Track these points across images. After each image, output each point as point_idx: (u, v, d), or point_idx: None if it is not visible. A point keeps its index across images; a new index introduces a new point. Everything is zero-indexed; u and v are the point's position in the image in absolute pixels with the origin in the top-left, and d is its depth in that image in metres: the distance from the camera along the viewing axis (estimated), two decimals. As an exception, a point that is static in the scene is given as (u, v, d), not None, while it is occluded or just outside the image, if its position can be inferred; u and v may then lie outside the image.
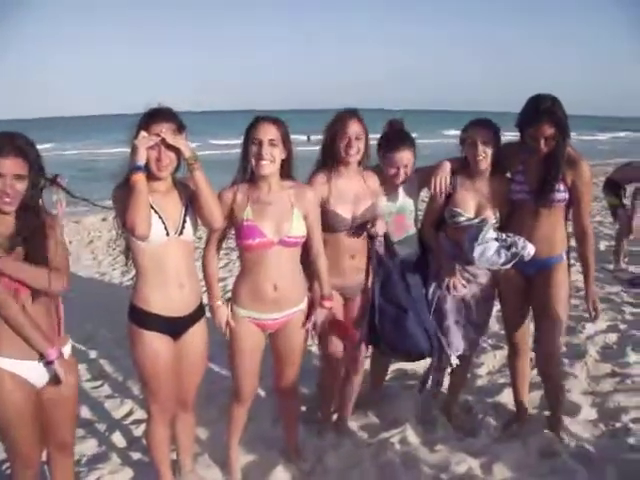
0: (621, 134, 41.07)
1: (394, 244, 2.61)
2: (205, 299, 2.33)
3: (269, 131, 2.19)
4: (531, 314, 2.78)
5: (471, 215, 2.59)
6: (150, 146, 2.01)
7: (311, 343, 2.53)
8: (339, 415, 2.91)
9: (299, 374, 2.53)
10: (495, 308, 2.90)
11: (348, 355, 2.68)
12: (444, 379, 2.94)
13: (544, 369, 2.71)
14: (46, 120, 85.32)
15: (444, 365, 2.72)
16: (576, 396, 3.11)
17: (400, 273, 2.57)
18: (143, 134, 2.01)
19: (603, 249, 6.42)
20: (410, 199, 2.73)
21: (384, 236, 2.57)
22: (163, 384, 2.20)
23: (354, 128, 2.43)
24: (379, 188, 2.61)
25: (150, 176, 2.06)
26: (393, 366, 3.39)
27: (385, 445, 2.73)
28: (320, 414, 2.90)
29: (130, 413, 3.20)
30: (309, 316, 2.43)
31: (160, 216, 2.08)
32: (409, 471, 2.53)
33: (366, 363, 3.10)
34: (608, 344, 3.86)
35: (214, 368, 3.50)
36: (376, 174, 2.62)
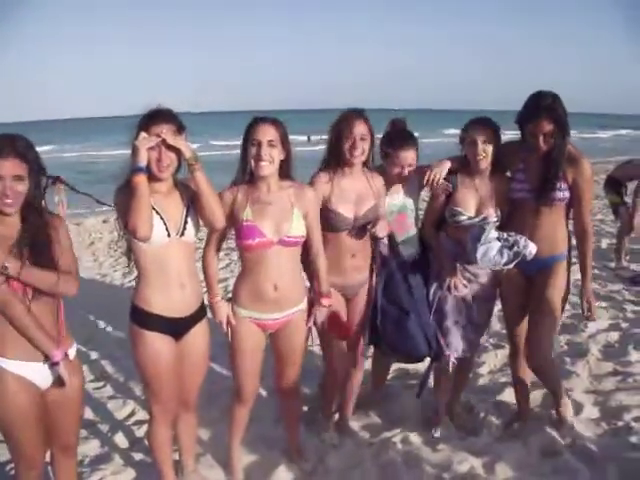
0: (622, 132, 41.02)
1: (398, 245, 2.61)
2: (206, 299, 2.34)
3: (268, 132, 2.19)
4: None
5: (472, 214, 2.58)
6: (150, 147, 2.01)
7: (311, 343, 2.53)
8: (340, 415, 2.91)
9: (300, 374, 2.53)
10: (496, 308, 2.90)
11: (349, 354, 2.68)
12: (447, 382, 2.90)
13: (533, 366, 2.69)
14: (45, 122, 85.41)
15: (443, 366, 2.72)
16: (578, 395, 3.10)
17: (402, 274, 2.57)
18: (143, 135, 2.01)
19: (604, 247, 6.41)
20: (410, 199, 2.74)
21: (389, 236, 2.57)
22: (165, 385, 2.20)
23: (360, 129, 2.41)
24: (383, 189, 2.61)
25: (151, 177, 2.05)
26: (395, 366, 3.38)
27: (387, 445, 2.73)
28: (321, 414, 2.90)
29: (132, 414, 3.20)
30: (309, 315, 2.43)
31: (162, 217, 2.08)
32: (411, 470, 2.53)
33: (367, 363, 3.10)
34: (610, 343, 3.85)
35: (216, 368, 3.50)
36: (379, 174, 2.62)
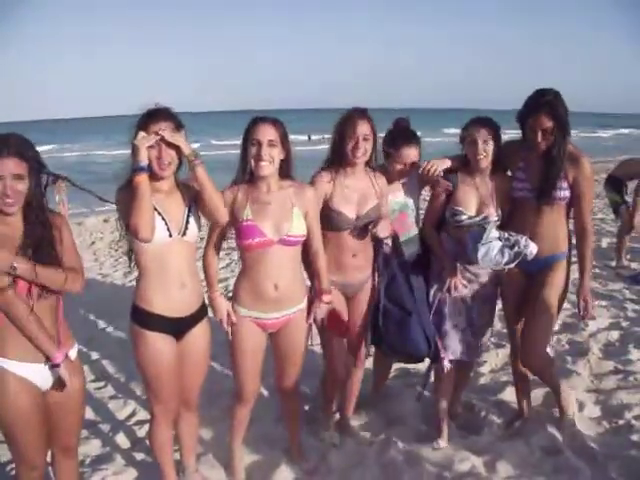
0: (624, 131, 41.00)
1: (401, 245, 2.61)
2: (207, 298, 2.34)
3: (268, 132, 2.19)
4: None
5: (472, 213, 2.58)
6: (150, 145, 2.01)
7: (311, 343, 2.52)
8: (341, 414, 2.91)
9: (301, 374, 2.53)
10: (498, 307, 2.90)
11: (349, 352, 2.68)
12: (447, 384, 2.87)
13: (528, 364, 2.69)
14: (46, 122, 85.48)
15: (439, 368, 2.70)
16: (579, 394, 3.10)
17: (404, 274, 2.57)
18: (142, 134, 2.01)
19: (605, 246, 6.42)
20: (411, 198, 2.74)
21: (392, 237, 2.56)
22: (166, 384, 2.20)
23: (362, 129, 2.41)
24: (387, 189, 2.61)
25: (152, 176, 2.06)
26: (396, 365, 3.38)
27: (388, 443, 2.73)
28: (322, 413, 2.90)
29: (133, 414, 3.20)
30: (309, 313, 2.43)
31: (163, 217, 2.09)
32: (412, 469, 2.53)
33: (369, 362, 3.10)
34: (611, 341, 3.86)
35: (217, 368, 3.51)
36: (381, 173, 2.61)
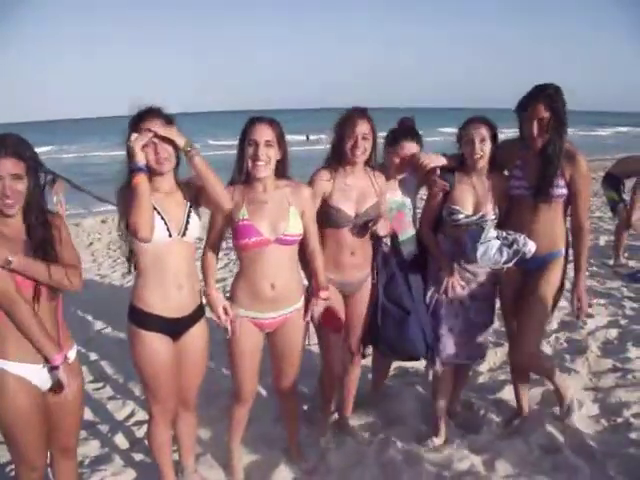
0: (622, 129, 41.01)
1: (400, 244, 2.61)
2: (204, 298, 2.34)
3: (265, 132, 2.19)
4: None
5: (469, 212, 2.58)
6: (145, 144, 2.01)
7: (308, 342, 2.52)
8: (340, 413, 2.92)
9: (298, 373, 2.53)
10: (497, 306, 2.90)
11: (345, 349, 2.69)
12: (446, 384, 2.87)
13: (518, 360, 2.69)
14: (45, 123, 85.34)
15: (435, 369, 2.71)
16: (578, 392, 3.10)
17: (403, 274, 2.58)
18: (135, 135, 2.02)
19: (603, 244, 6.43)
20: (408, 198, 2.74)
21: (391, 236, 2.57)
22: (163, 384, 2.20)
23: (362, 128, 2.42)
24: (386, 188, 2.61)
25: (152, 175, 2.06)
26: (395, 364, 3.38)
27: (387, 443, 2.73)
28: (320, 413, 2.90)
29: (132, 414, 3.20)
30: (306, 310, 2.42)
31: (163, 217, 2.08)
32: (411, 469, 2.53)
33: (368, 361, 3.10)
34: (609, 339, 3.86)
35: (215, 368, 3.50)
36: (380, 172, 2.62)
